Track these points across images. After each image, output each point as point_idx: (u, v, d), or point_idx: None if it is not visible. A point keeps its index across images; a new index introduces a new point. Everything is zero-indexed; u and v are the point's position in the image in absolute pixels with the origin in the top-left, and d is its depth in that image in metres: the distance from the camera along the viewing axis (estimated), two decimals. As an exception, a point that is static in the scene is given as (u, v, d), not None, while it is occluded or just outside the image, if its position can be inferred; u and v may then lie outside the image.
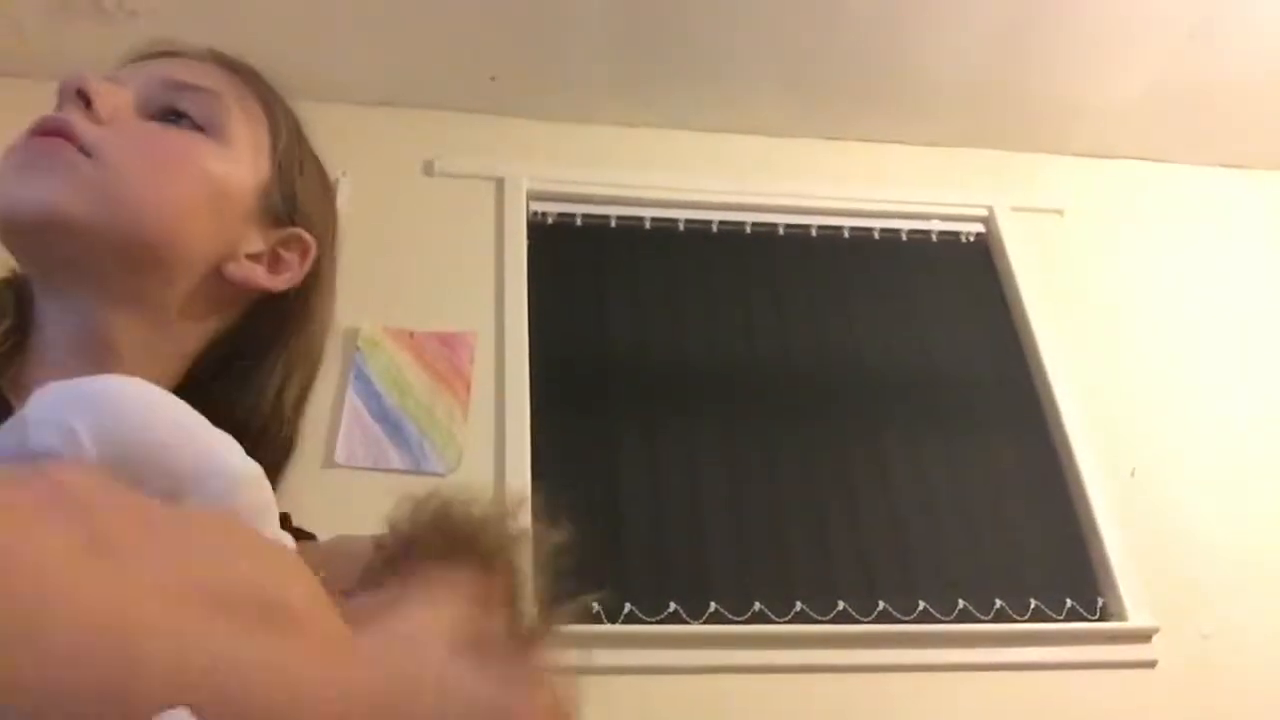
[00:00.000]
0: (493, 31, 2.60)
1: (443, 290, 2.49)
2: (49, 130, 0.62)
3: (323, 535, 0.74)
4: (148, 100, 0.66)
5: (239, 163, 0.69)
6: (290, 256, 0.73)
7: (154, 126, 0.66)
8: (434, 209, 2.61)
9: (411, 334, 2.40)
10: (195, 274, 0.67)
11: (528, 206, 2.67)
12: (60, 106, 0.64)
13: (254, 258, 0.71)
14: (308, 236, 0.75)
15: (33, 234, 0.62)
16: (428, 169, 2.67)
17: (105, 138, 0.63)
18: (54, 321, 0.64)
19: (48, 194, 0.60)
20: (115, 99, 0.65)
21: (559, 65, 2.70)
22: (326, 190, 0.80)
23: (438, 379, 2.36)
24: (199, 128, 0.67)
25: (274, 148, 0.73)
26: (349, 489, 2.16)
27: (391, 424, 2.29)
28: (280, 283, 0.72)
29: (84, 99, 0.63)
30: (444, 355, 2.39)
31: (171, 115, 0.67)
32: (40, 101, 0.72)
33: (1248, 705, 2.24)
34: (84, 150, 0.62)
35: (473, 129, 2.75)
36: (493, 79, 2.72)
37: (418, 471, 2.24)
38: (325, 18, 2.51)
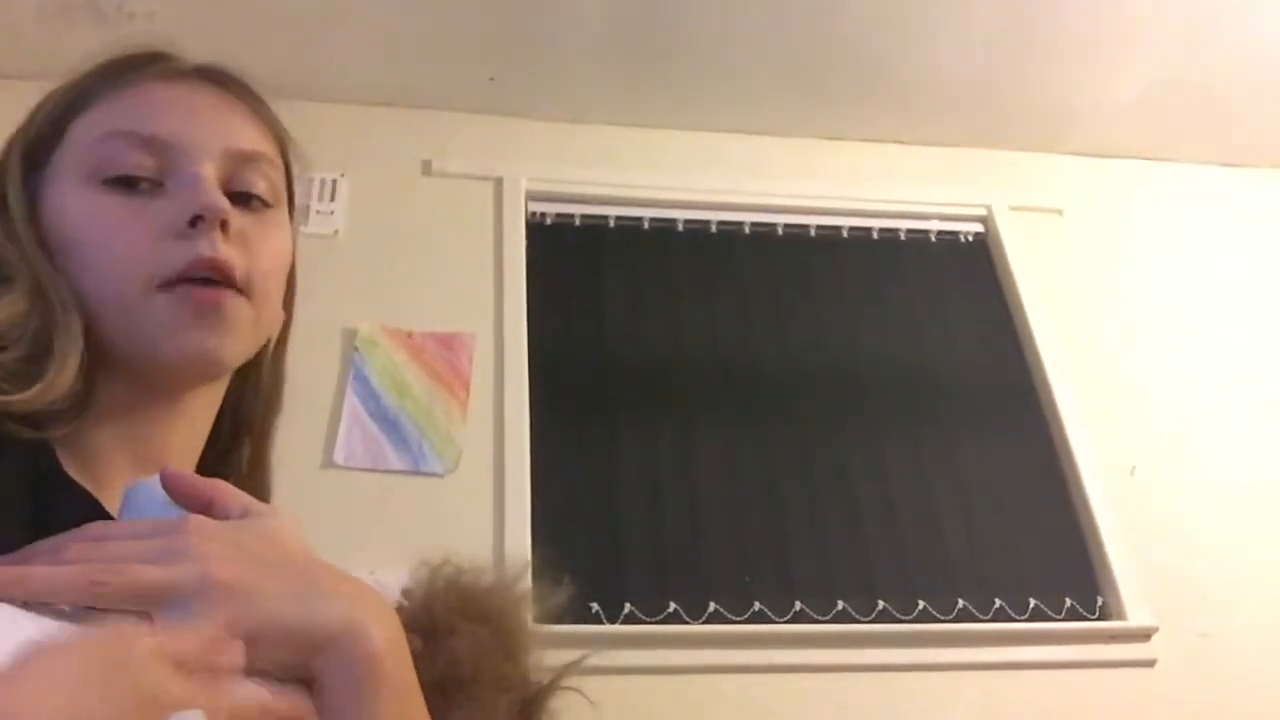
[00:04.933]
0: (492, 32, 2.60)
1: (441, 291, 2.49)
2: (218, 274, 0.66)
3: (323, 535, 0.74)
4: (226, 179, 0.70)
5: (291, 225, 0.76)
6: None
7: (256, 230, 0.70)
8: (432, 209, 2.61)
9: (410, 334, 2.40)
10: None
11: (526, 207, 2.67)
12: (200, 227, 0.66)
13: None
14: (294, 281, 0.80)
15: (205, 375, 0.69)
16: (426, 169, 2.67)
17: (250, 271, 0.68)
18: (134, 393, 0.67)
19: (230, 349, 0.67)
20: (234, 214, 0.68)
21: (558, 65, 2.70)
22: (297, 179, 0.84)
23: (436, 379, 2.36)
24: (267, 202, 0.72)
25: (289, 197, 0.77)
26: (348, 489, 2.17)
27: (390, 424, 2.29)
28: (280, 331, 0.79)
29: (224, 225, 0.67)
30: (443, 356, 2.39)
31: (246, 196, 0.70)
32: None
33: (1247, 704, 2.24)
34: (241, 290, 0.67)
35: (471, 129, 2.75)
36: (491, 79, 2.72)
37: (416, 472, 2.24)
38: (325, 18, 2.50)
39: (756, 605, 2.22)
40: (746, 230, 2.78)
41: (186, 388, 0.69)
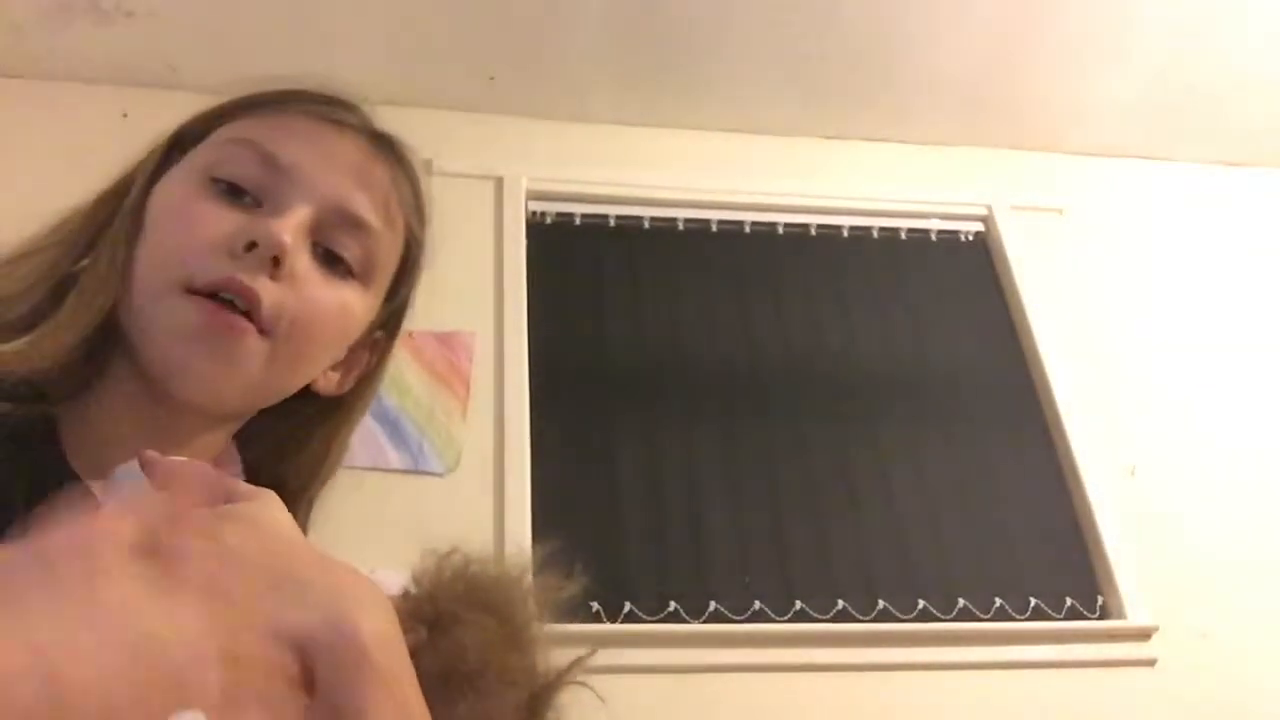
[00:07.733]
0: (492, 31, 2.60)
1: (441, 290, 2.45)
2: (241, 300, 0.62)
3: (321, 537, 0.74)
4: (320, 225, 0.67)
5: (373, 306, 0.72)
6: (361, 355, 0.76)
7: (318, 282, 0.67)
8: (433, 208, 2.60)
9: (410, 333, 2.39)
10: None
11: (526, 206, 2.67)
12: (251, 250, 0.63)
13: (334, 366, 0.73)
14: (386, 339, 0.78)
15: (188, 396, 0.64)
16: (426, 169, 2.66)
17: (283, 312, 0.64)
18: (141, 405, 0.65)
19: (223, 383, 0.63)
20: (299, 254, 0.65)
21: (558, 65, 2.70)
22: (419, 275, 0.81)
23: (437, 379, 2.36)
24: (354, 272, 0.69)
25: (402, 267, 0.75)
26: (347, 489, 2.16)
27: (390, 424, 2.29)
28: (345, 384, 0.75)
29: (277, 262, 0.63)
30: (443, 355, 2.39)
31: (333, 257, 0.68)
32: (38, 101, 0.72)
33: (1247, 703, 2.24)
34: (261, 328, 0.63)
35: (472, 128, 2.75)
36: (492, 78, 2.72)
37: (416, 471, 2.24)
38: (325, 17, 2.50)
39: (757, 604, 2.22)
40: (747, 229, 2.78)
41: (184, 411, 0.65)
